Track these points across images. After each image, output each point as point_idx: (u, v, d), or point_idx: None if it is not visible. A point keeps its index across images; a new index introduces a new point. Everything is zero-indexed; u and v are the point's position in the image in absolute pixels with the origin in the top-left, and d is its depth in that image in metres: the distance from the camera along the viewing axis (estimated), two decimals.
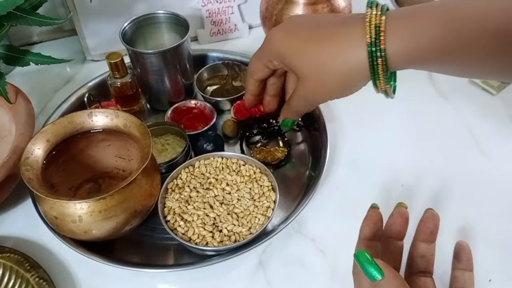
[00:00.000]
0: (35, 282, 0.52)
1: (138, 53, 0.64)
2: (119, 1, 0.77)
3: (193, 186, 0.57)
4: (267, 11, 0.75)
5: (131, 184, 0.49)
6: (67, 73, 0.80)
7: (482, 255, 0.52)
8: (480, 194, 0.60)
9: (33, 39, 0.86)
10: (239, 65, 0.74)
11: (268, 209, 0.54)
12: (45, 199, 0.49)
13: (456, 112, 0.72)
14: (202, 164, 0.59)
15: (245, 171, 0.58)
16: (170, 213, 0.54)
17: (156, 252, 0.57)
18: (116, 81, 0.66)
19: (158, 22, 0.70)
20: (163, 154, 0.63)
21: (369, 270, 0.35)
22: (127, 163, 0.59)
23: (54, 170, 0.54)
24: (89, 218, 0.48)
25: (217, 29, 0.85)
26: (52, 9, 0.82)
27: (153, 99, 0.72)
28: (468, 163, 0.65)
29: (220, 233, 0.52)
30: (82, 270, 0.54)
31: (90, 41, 0.79)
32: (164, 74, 0.67)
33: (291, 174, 0.64)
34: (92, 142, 0.58)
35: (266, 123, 0.68)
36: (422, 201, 0.59)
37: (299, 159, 0.66)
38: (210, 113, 0.69)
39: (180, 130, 0.64)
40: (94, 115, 0.54)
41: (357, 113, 0.71)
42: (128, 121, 0.54)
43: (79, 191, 0.59)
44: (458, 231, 0.57)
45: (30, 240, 0.57)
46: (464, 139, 0.68)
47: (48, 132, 0.53)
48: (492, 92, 0.74)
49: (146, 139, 0.52)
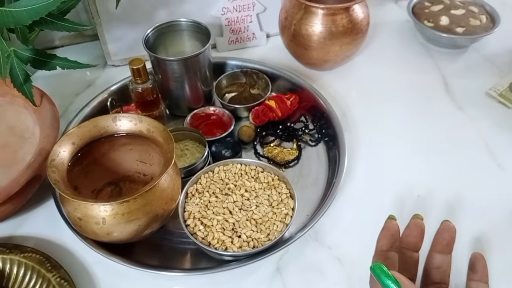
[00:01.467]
0: (57, 282, 0.52)
1: (161, 59, 0.66)
2: (141, 8, 0.78)
3: (213, 192, 0.58)
4: (286, 21, 0.76)
5: (153, 188, 0.50)
6: (87, 78, 0.82)
7: (497, 267, 0.53)
8: (495, 206, 0.61)
9: (54, 43, 0.88)
10: (257, 73, 0.75)
11: (287, 216, 0.55)
12: (69, 201, 0.50)
13: (472, 124, 0.72)
14: (221, 170, 0.60)
15: (263, 178, 0.59)
16: (190, 218, 0.55)
17: (175, 255, 0.57)
18: (138, 86, 0.67)
19: (180, 29, 0.71)
20: (182, 159, 0.64)
21: (385, 282, 0.36)
22: (149, 167, 0.60)
23: (77, 172, 0.56)
24: (112, 221, 0.49)
25: (235, 38, 0.86)
26: (74, 14, 0.83)
27: (172, 105, 0.74)
28: (483, 175, 0.65)
29: (239, 239, 0.53)
30: (102, 272, 0.55)
31: (111, 47, 0.81)
32: (184, 81, 0.68)
33: (309, 182, 0.65)
34: (115, 146, 0.59)
35: (283, 126, 0.69)
36: (437, 213, 0.59)
37: (317, 167, 0.66)
38: (228, 120, 0.70)
39: (199, 136, 0.65)
40: (118, 120, 0.56)
41: (373, 123, 0.72)
42: (151, 126, 0.55)
43: (100, 193, 0.60)
44: (473, 243, 0.57)
45: (52, 240, 0.58)
46: (480, 151, 0.68)
47: (74, 135, 0.54)
48: (509, 106, 0.74)
49: (169, 144, 0.53)
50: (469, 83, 0.78)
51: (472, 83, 0.79)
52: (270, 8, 0.84)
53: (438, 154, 0.68)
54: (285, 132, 0.70)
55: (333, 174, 0.63)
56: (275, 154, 0.67)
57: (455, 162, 0.67)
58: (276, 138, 0.70)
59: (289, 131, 0.70)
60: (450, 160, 0.67)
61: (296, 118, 0.72)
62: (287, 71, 0.77)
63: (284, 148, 0.69)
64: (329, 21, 0.72)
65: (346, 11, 0.72)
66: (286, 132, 0.70)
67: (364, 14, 0.75)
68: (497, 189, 0.63)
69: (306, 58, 0.79)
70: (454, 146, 0.69)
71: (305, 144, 0.70)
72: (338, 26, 0.73)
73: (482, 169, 0.66)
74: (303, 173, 0.66)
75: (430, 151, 0.68)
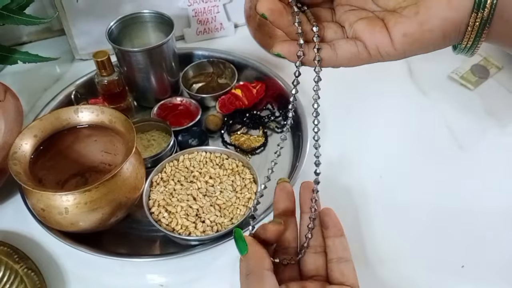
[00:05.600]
0: (24, 273, 0.53)
1: (124, 51, 0.66)
2: (106, 1, 0.78)
3: (177, 180, 0.59)
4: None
5: (115, 176, 0.51)
6: (56, 73, 0.82)
7: (454, 240, 0.55)
8: (456, 185, 0.63)
9: (22, 39, 0.88)
10: (224, 62, 0.76)
11: (249, 200, 0.56)
12: (32, 192, 0.51)
13: (435, 107, 0.74)
14: (186, 158, 0.61)
15: (228, 165, 0.60)
16: (155, 205, 0.56)
17: (142, 243, 0.58)
18: (103, 79, 0.67)
19: (144, 21, 0.72)
20: (149, 149, 0.65)
21: (238, 245, 0.39)
22: (113, 157, 0.61)
23: (41, 164, 0.56)
24: (75, 210, 0.50)
25: (203, 28, 0.86)
26: (41, 9, 0.83)
27: (139, 97, 0.74)
28: (445, 157, 0.67)
29: (203, 224, 0.54)
30: (70, 262, 0.56)
31: (78, 41, 0.81)
32: (149, 72, 0.69)
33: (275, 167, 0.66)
34: (79, 138, 0.60)
35: (250, 114, 0.70)
36: (400, 193, 0.61)
37: (283, 152, 0.67)
38: (195, 110, 0.71)
39: (166, 126, 0.66)
40: (80, 111, 0.56)
41: (339, 110, 0.73)
42: (113, 117, 0.56)
43: (66, 185, 0.60)
44: (433, 220, 0.59)
45: (20, 233, 0.59)
46: (442, 133, 0.70)
47: (36, 128, 0.54)
48: (470, 87, 0.76)
49: (130, 133, 0.54)
50: (432, 67, 0.80)
51: (435, 67, 0.80)
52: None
53: (401, 137, 0.69)
54: (251, 120, 0.71)
55: (297, 159, 0.64)
56: (242, 142, 0.69)
57: (418, 144, 0.68)
58: (243, 126, 0.71)
59: (256, 119, 0.71)
60: (412, 142, 0.69)
61: (263, 106, 0.73)
62: (253, 60, 0.78)
63: (251, 136, 0.70)
64: None
65: None
66: (253, 120, 0.71)
67: None
68: (458, 169, 0.65)
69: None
70: (417, 129, 0.71)
71: (272, 131, 0.71)
72: None
73: (443, 149, 0.68)
74: (269, 159, 0.67)
75: (393, 134, 0.70)
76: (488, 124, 0.71)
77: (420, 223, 0.58)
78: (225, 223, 0.54)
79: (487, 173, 0.64)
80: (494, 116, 0.72)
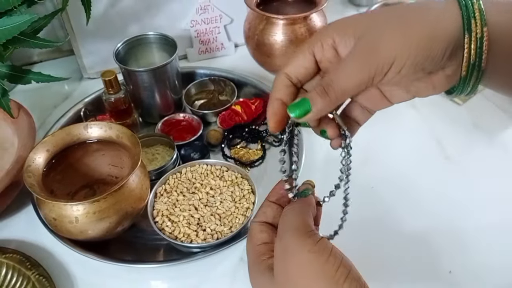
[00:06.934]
0: (36, 279, 0.57)
1: (130, 71, 0.71)
2: (113, 24, 0.83)
3: (180, 191, 0.62)
4: (250, 31, 0.81)
5: (122, 188, 0.54)
6: (65, 91, 0.86)
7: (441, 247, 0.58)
8: (443, 195, 0.66)
9: (33, 59, 0.93)
10: (224, 80, 0.81)
11: (248, 210, 0.60)
12: (45, 202, 0.55)
13: (425, 121, 0.78)
14: (188, 170, 0.65)
15: (228, 176, 0.64)
16: (159, 215, 0.59)
17: (147, 251, 0.62)
18: (110, 97, 0.72)
19: (149, 42, 0.76)
20: (153, 162, 0.69)
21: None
22: (120, 170, 0.65)
23: (53, 177, 0.60)
24: (84, 219, 0.54)
25: (205, 48, 0.91)
26: (51, 31, 0.88)
27: (144, 113, 0.78)
28: (434, 167, 0.70)
29: (204, 232, 0.58)
30: (79, 268, 0.60)
31: (86, 61, 0.86)
32: (154, 90, 0.73)
33: (273, 179, 0.69)
34: (88, 152, 0.64)
35: (249, 128, 0.74)
36: (389, 203, 0.65)
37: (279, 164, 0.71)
38: (197, 125, 0.75)
39: (169, 141, 0.70)
40: (89, 127, 0.60)
41: None
42: (120, 132, 0.59)
43: (76, 196, 0.64)
44: (422, 233, 0.62)
45: (31, 242, 0.62)
46: (431, 145, 0.74)
47: (48, 143, 0.58)
48: (459, 103, 0.80)
49: (136, 148, 0.57)
50: None
51: None
52: (237, 19, 0.90)
53: (393, 150, 0.73)
54: (250, 135, 0.75)
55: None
56: (241, 155, 0.72)
57: (409, 156, 0.72)
58: (242, 140, 0.75)
59: (254, 134, 0.75)
60: (403, 155, 0.72)
61: (261, 121, 0.77)
62: (252, 78, 0.82)
63: (250, 149, 0.74)
64: (289, 30, 0.78)
65: (304, 20, 0.78)
66: (252, 135, 0.75)
67: (321, 22, 0.80)
68: (446, 179, 0.68)
69: (270, 65, 0.84)
70: (408, 142, 0.74)
71: (270, 144, 0.75)
72: (297, 35, 0.78)
73: (433, 162, 0.71)
74: (267, 171, 0.71)
75: (385, 147, 0.73)
76: (476, 137, 0.75)
77: (409, 231, 0.62)
78: (225, 231, 0.58)
79: (475, 183, 0.67)
80: (482, 130, 0.76)
